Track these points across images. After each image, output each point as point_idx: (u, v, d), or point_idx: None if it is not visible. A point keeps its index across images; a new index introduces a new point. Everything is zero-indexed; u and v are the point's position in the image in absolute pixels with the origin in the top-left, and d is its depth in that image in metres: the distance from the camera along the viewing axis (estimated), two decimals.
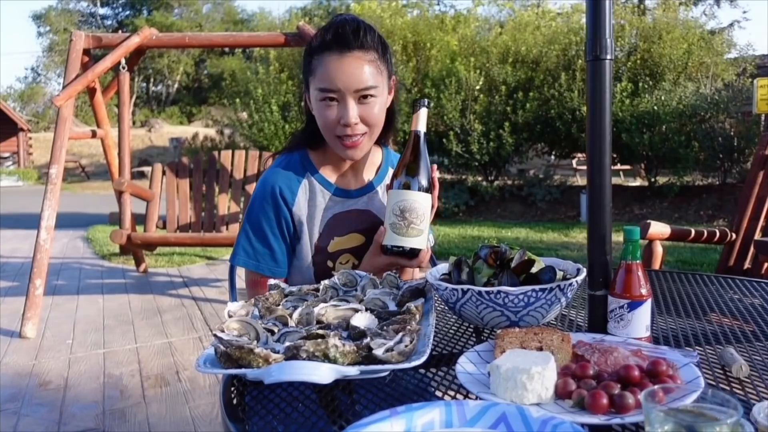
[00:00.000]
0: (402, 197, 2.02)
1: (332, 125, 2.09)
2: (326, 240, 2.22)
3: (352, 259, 2.25)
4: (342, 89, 2.03)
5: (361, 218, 2.26)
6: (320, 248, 2.21)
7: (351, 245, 2.24)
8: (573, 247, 10.36)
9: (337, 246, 2.23)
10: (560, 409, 1.23)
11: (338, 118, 2.07)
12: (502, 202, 15.65)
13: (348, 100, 2.05)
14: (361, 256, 2.24)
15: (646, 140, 13.63)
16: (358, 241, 2.25)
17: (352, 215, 2.25)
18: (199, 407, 4.29)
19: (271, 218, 2.19)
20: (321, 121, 2.11)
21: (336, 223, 2.23)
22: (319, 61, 2.06)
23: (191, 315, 6.64)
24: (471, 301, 1.63)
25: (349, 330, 1.53)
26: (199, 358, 1.43)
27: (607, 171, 1.70)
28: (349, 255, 2.25)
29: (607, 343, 1.50)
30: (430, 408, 1.14)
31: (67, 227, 13.89)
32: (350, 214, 2.25)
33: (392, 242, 2.03)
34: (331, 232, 2.22)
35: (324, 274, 2.19)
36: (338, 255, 2.23)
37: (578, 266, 1.78)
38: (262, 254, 2.20)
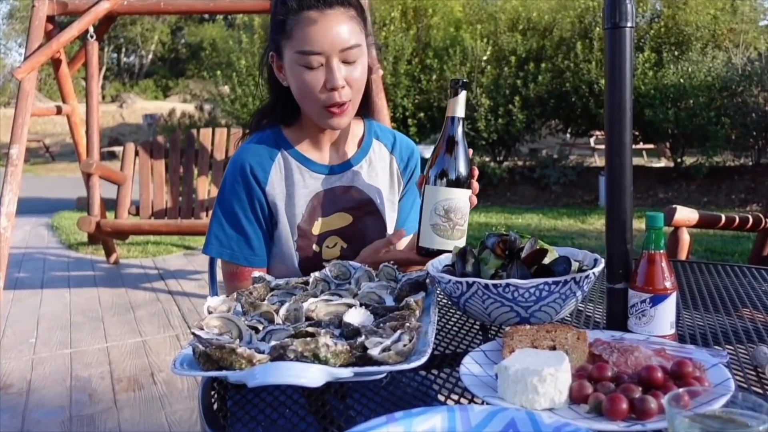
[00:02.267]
0: (446, 196, 2.01)
1: (316, 93, 2.06)
2: (310, 222, 2.22)
3: (340, 242, 2.24)
4: (327, 50, 2.02)
5: (347, 196, 2.25)
6: (304, 231, 2.21)
7: (338, 226, 2.24)
8: (590, 235, 10.37)
9: (322, 227, 2.22)
10: (575, 414, 1.23)
11: (324, 83, 2.05)
12: (512, 185, 15.65)
13: (333, 61, 2.03)
14: (349, 237, 2.24)
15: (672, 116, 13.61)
16: (345, 221, 2.25)
17: (337, 193, 2.24)
18: (176, 413, 4.30)
19: (243, 200, 2.18)
20: (302, 89, 2.08)
21: (319, 203, 2.22)
22: (297, 21, 2.04)
23: (167, 311, 6.64)
24: (477, 295, 1.64)
25: (342, 327, 1.53)
26: (176, 358, 1.43)
27: (627, 150, 1.69)
28: (337, 237, 2.24)
29: (627, 341, 1.50)
30: (431, 414, 1.14)
31: (30, 214, 13.86)
32: (334, 192, 2.24)
33: (435, 245, 2.00)
34: (315, 213, 2.22)
35: (310, 260, 2.20)
36: (324, 238, 2.23)
37: (596, 256, 1.78)
38: (236, 241, 2.19)
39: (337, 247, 2.24)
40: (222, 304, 1.71)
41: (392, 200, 2.35)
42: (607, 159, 1.71)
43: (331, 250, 2.23)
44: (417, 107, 15.29)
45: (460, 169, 2.02)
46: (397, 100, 15.02)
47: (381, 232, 2.29)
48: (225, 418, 1.40)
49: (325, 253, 2.22)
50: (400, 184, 2.39)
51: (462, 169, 2.02)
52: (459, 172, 2.01)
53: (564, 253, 1.80)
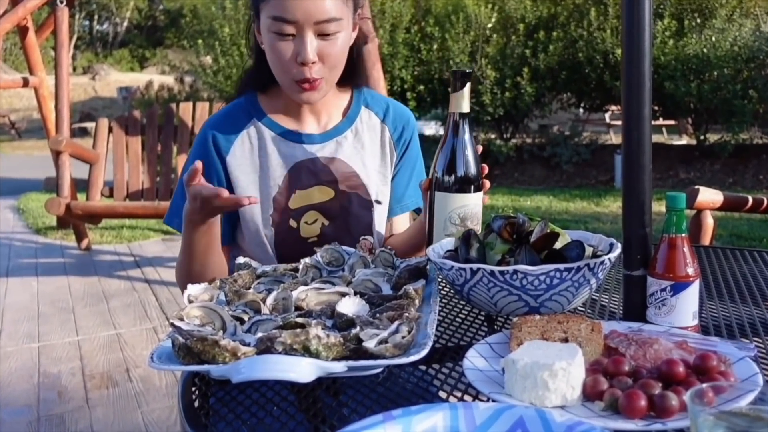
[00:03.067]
0: (461, 203, 1.99)
1: (286, 63, 2.07)
2: (286, 194, 2.22)
3: (320, 218, 2.25)
4: (300, 20, 2.01)
5: (329, 168, 2.26)
6: (279, 204, 2.22)
7: (317, 200, 2.24)
8: (605, 218, 10.38)
9: (299, 201, 2.23)
10: (589, 412, 1.23)
11: (294, 55, 2.05)
12: (520, 165, 15.66)
13: (306, 33, 2.03)
14: (331, 214, 2.24)
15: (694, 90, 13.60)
16: (326, 195, 2.25)
17: (317, 165, 2.25)
18: (154, 412, 4.31)
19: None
20: (272, 58, 2.10)
21: (297, 174, 2.23)
22: None
23: (144, 301, 6.65)
24: (482, 282, 1.63)
25: (335, 318, 1.53)
26: (154, 352, 1.43)
27: (646, 127, 1.69)
28: (317, 213, 2.25)
29: (645, 333, 1.50)
30: (432, 411, 1.14)
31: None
32: (314, 163, 2.25)
33: None
34: (292, 185, 2.23)
35: (287, 237, 2.21)
36: (302, 212, 2.23)
37: (611, 241, 1.78)
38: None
39: (318, 224, 2.24)
40: (204, 293, 1.71)
41: (384, 174, 2.35)
42: (624, 136, 1.71)
43: (311, 226, 2.24)
44: (416, 79, 15.26)
45: (471, 172, 2.01)
46: (394, 72, 14.99)
47: (367, 209, 2.29)
48: (207, 416, 1.40)
49: (303, 230, 2.23)
50: (393, 156, 2.38)
51: (473, 171, 2.01)
52: (470, 174, 2.00)
53: (577, 238, 1.80)
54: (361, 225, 2.29)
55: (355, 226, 2.28)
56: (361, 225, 2.29)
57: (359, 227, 2.28)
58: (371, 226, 2.31)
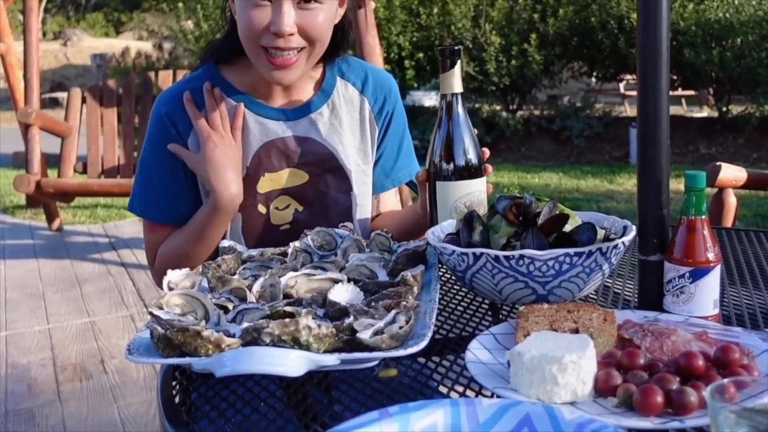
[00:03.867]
0: (464, 191, 2.00)
1: (257, 32, 2.01)
2: (254, 177, 2.20)
3: (293, 204, 2.23)
4: None
5: (302, 149, 2.23)
6: (247, 188, 2.19)
7: (290, 184, 2.23)
8: (619, 197, 10.39)
9: (269, 185, 2.21)
10: (601, 409, 1.23)
11: (268, 24, 2.00)
12: (528, 139, 15.64)
13: (283, 1, 1.98)
14: (305, 199, 2.23)
15: (716, 57, 13.57)
16: (299, 178, 2.23)
17: (289, 145, 2.22)
18: (131, 407, 4.31)
19: (159, 151, 2.17)
20: (243, 25, 2.05)
21: (266, 155, 2.21)
22: None
23: (120, 286, 6.65)
24: (485, 268, 1.63)
25: (327, 307, 1.53)
26: (131, 343, 1.43)
27: (664, 98, 1.68)
28: (289, 198, 2.23)
29: (662, 323, 1.50)
30: (431, 408, 1.14)
31: None
32: (285, 143, 2.22)
33: None
34: (260, 167, 2.21)
35: (255, 223, 2.20)
36: (273, 197, 2.22)
37: (625, 223, 1.78)
38: (151, 196, 2.22)
39: (290, 210, 2.23)
40: (185, 279, 1.71)
41: (365, 151, 2.33)
42: (640, 108, 1.70)
43: (282, 212, 2.23)
44: (415, 46, 15.21)
45: (471, 156, 2.00)
46: (391, 38, 14.93)
47: (345, 194, 2.28)
48: (188, 413, 1.40)
49: (273, 216, 2.22)
50: (375, 131, 2.36)
51: (473, 155, 2.01)
52: (471, 159, 2.00)
53: (588, 219, 1.80)
54: (339, 211, 2.27)
55: (332, 212, 2.26)
56: (339, 211, 2.27)
57: (337, 213, 2.26)
58: (350, 212, 2.29)
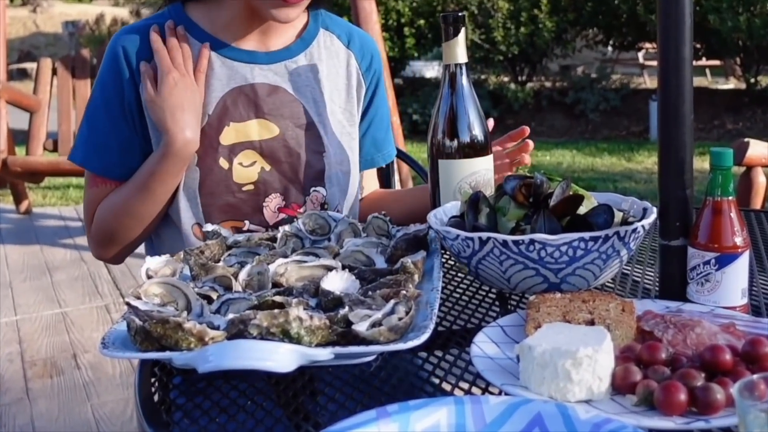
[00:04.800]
0: (470, 170, 2.00)
1: None
2: (218, 126, 2.17)
3: (259, 161, 2.20)
4: None
5: (273, 99, 2.21)
6: (209, 138, 2.16)
7: (256, 137, 2.19)
8: (638, 176, 10.39)
9: (234, 137, 2.18)
10: (619, 408, 1.23)
11: None
12: (538, 113, 15.64)
13: None
14: (273, 156, 2.20)
15: (743, 24, 13.55)
16: (268, 132, 2.20)
17: (259, 92, 2.20)
18: (106, 405, 4.32)
19: (108, 94, 2.16)
20: None
21: (233, 101, 2.18)
22: None
23: (94, 274, 6.65)
24: (493, 254, 1.63)
25: (319, 296, 1.53)
26: (106, 336, 1.43)
27: (687, 68, 1.68)
28: (255, 153, 2.20)
29: (686, 314, 1.50)
30: (434, 407, 1.14)
31: None
32: (255, 90, 2.20)
33: None
34: (225, 115, 2.18)
35: (215, 179, 2.16)
36: (237, 151, 2.18)
37: (645, 205, 1.78)
38: (95, 144, 2.19)
39: (256, 168, 2.19)
40: (165, 266, 1.71)
41: (351, 111, 2.33)
42: (661, 79, 1.70)
43: (246, 170, 2.19)
44: (415, 12, 15.18)
45: (476, 132, 2.00)
46: (389, 4, 14.92)
47: (317, 154, 2.24)
48: (169, 412, 1.40)
49: (236, 173, 2.18)
50: (362, 89, 2.35)
51: (479, 131, 2.01)
52: (476, 135, 2.00)
53: (605, 201, 1.80)
54: (311, 174, 2.24)
55: (304, 174, 2.23)
56: (311, 174, 2.24)
57: (309, 176, 2.23)
58: (323, 176, 2.25)
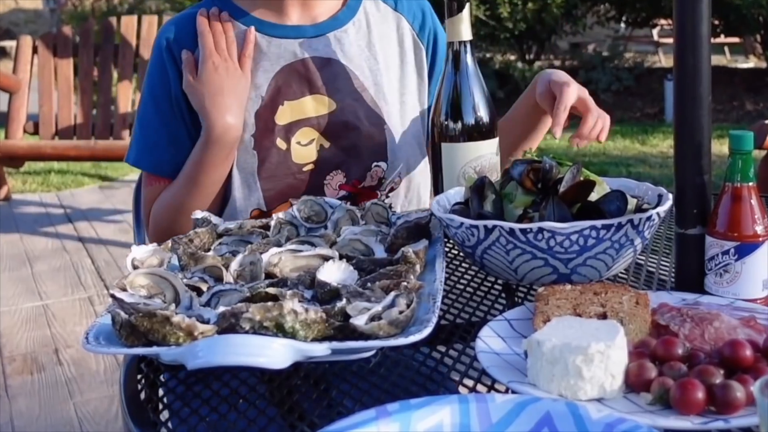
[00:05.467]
0: (474, 154, 2.00)
1: None
2: (272, 107, 2.20)
3: (318, 138, 2.22)
4: None
5: (325, 72, 2.23)
6: (265, 120, 2.19)
7: (313, 114, 2.21)
8: (653, 161, 10.38)
9: (290, 115, 2.20)
10: (633, 406, 1.23)
11: None
12: None
13: None
14: (331, 132, 2.21)
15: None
16: (324, 107, 2.22)
17: (309, 67, 2.22)
18: (89, 403, 4.32)
19: (156, 87, 2.20)
20: None
21: (285, 80, 2.20)
22: None
23: (77, 264, 6.65)
24: (499, 243, 1.63)
25: (315, 288, 1.53)
26: (89, 330, 1.43)
27: (704, 46, 1.67)
28: (313, 130, 2.22)
29: (704, 307, 1.50)
30: (436, 406, 1.14)
31: None
32: (305, 65, 2.22)
33: None
34: (279, 95, 2.20)
35: (274, 163, 2.18)
36: (294, 130, 2.20)
37: (660, 191, 1.78)
38: (147, 143, 2.23)
39: (314, 146, 2.21)
40: (151, 256, 1.70)
41: (408, 78, 2.32)
42: (677, 58, 1.69)
43: (305, 148, 2.21)
44: None
45: (481, 113, 2.00)
46: None
47: (378, 127, 2.25)
48: (156, 411, 1.40)
49: (295, 153, 2.20)
50: (420, 50, 2.35)
51: (484, 113, 2.00)
52: (481, 117, 2.00)
53: (617, 187, 1.79)
54: (372, 147, 2.25)
55: (365, 149, 2.24)
56: (372, 147, 2.25)
57: (370, 151, 2.25)
58: (385, 149, 2.27)
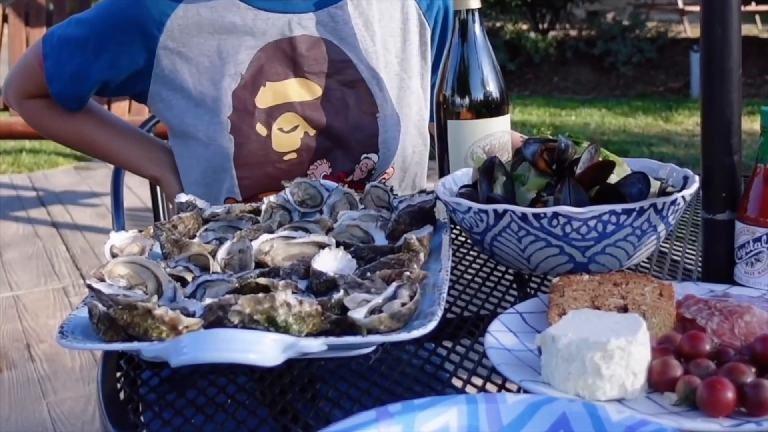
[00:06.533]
0: (483, 132, 2.00)
1: None
2: (252, 87, 2.17)
3: (302, 125, 2.20)
4: None
5: (314, 53, 2.21)
6: (243, 101, 2.16)
7: (297, 98, 2.19)
8: (678, 140, 10.38)
9: (272, 98, 2.18)
10: (657, 408, 1.23)
11: None
12: (562, 66, 15.63)
13: None
14: (318, 120, 2.19)
15: None
16: (309, 92, 2.20)
17: (297, 47, 2.19)
18: (64, 403, 4.33)
19: (110, 25, 2.17)
20: None
21: (269, 58, 2.18)
22: None
23: (51, 252, 6.66)
24: (510, 230, 1.63)
25: (310, 278, 1.53)
26: (64, 324, 1.43)
27: (733, 14, 1.67)
28: (297, 117, 2.19)
29: (733, 299, 1.50)
30: (442, 406, 1.14)
31: None
32: (293, 44, 2.19)
33: None
34: (261, 75, 2.18)
35: (252, 150, 2.17)
36: (276, 115, 2.18)
37: (686, 172, 1.78)
38: (68, 48, 2.25)
39: (298, 133, 2.20)
40: (132, 243, 1.70)
41: (409, 60, 2.31)
42: (704, 27, 1.69)
43: (287, 135, 2.19)
44: None
45: (491, 88, 2.00)
46: None
47: (371, 115, 2.24)
48: (137, 412, 1.40)
49: (276, 141, 2.18)
50: (425, 30, 2.34)
51: (494, 87, 2.00)
52: (491, 91, 2.00)
53: (639, 168, 1.79)
54: (362, 138, 2.24)
55: (354, 139, 2.23)
56: (362, 138, 2.24)
57: (359, 141, 2.24)
58: (376, 140, 2.26)
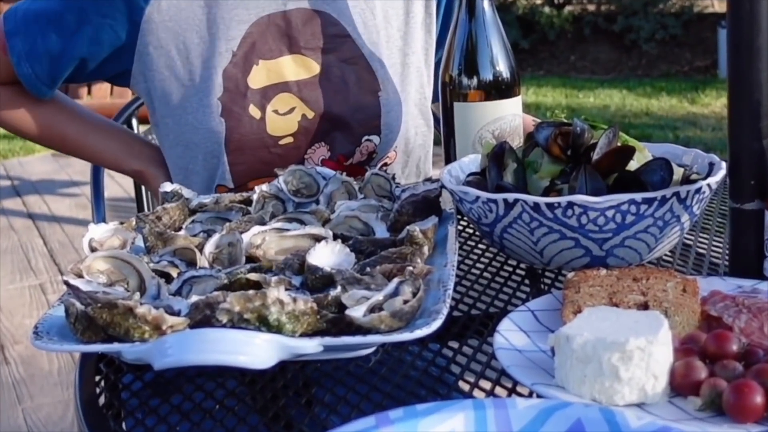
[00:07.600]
0: (493, 115, 2.01)
1: None
2: (245, 66, 2.17)
3: (300, 107, 2.19)
4: None
5: (311, 28, 2.21)
6: (234, 81, 2.16)
7: (293, 77, 2.19)
8: (704, 123, 10.38)
9: (265, 78, 2.17)
10: (679, 413, 1.23)
11: None
12: (579, 44, 15.63)
13: None
14: (316, 101, 2.19)
15: None
16: (306, 70, 2.20)
17: (292, 22, 2.19)
18: (40, 409, 4.34)
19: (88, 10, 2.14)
20: None
21: (261, 34, 2.17)
22: None
23: (26, 246, 6.67)
24: (521, 220, 1.63)
25: (306, 274, 1.53)
26: (40, 323, 1.43)
27: None
28: (293, 97, 2.19)
29: (763, 296, 1.50)
30: (447, 412, 1.14)
31: None
32: (287, 19, 2.19)
33: None
34: (253, 52, 2.17)
35: (246, 135, 2.16)
36: (271, 95, 2.18)
37: (711, 158, 1.78)
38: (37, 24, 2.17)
39: (295, 115, 2.19)
40: (112, 237, 1.70)
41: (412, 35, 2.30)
42: (731, 1, 1.69)
43: (284, 118, 2.19)
44: None
45: (501, 68, 2.00)
46: None
47: (372, 95, 2.24)
48: (117, 418, 1.41)
49: (271, 124, 2.18)
50: (430, 1, 2.33)
51: (504, 67, 2.01)
52: (501, 71, 2.00)
53: (662, 154, 1.79)
54: (363, 119, 2.24)
55: (355, 120, 2.23)
56: (363, 119, 2.24)
57: (360, 122, 2.24)
58: (378, 121, 2.25)
